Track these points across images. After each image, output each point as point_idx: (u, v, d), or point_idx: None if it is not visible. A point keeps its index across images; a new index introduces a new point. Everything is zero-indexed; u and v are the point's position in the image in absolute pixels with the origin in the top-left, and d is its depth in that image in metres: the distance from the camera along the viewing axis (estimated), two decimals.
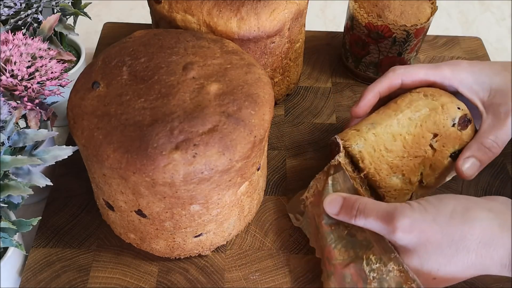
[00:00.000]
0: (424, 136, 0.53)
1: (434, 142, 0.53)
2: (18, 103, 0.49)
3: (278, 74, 0.65)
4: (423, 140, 0.53)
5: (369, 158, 0.52)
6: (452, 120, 0.53)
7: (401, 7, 0.65)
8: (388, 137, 0.52)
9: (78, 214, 0.57)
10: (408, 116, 0.53)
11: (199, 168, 0.43)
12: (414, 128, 0.53)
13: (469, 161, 0.52)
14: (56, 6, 0.57)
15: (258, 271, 0.53)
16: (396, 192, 0.53)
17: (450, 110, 0.53)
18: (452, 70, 0.55)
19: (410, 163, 0.53)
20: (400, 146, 0.52)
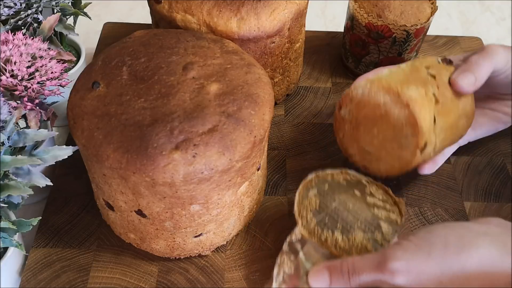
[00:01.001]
0: (419, 68, 0.53)
1: (429, 71, 0.53)
2: (18, 103, 0.49)
3: (278, 74, 0.65)
4: (420, 70, 0.53)
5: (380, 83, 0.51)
6: (436, 60, 0.54)
7: (401, 7, 0.65)
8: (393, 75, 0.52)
9: (78, 214, 0.57)
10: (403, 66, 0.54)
11: (199, 168, 0.43)
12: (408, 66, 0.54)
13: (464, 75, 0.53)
14: (56, 6, 0.57)
15: (258, 271, 0.53)
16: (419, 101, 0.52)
17: (431, 57, 0.55)
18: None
19: (418, 81, 0.52)
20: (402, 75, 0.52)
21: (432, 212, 0.59)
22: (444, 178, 0.62)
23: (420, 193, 0.60)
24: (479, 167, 0.63)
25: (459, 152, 0.64)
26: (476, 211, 0.59)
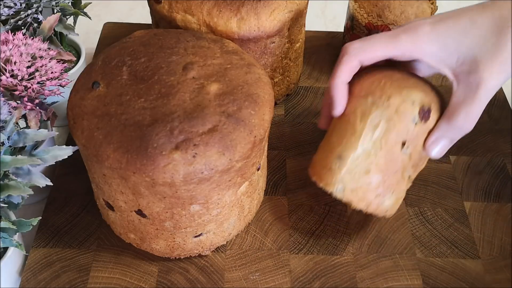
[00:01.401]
0: (393, 151, 0.48)
1: (405, 150, 0.48)
2: (18, 103, 0.49)
3: (278, 74, 0.65)
4: (394, 155, 0.48)
5: (355, 196, 0.49)
6: (412, 121, 0.47)
7: (401, 7, 0.65)
8: (361, 170, 0.49)
9: (78, 214, 0.57)
10: (370, 139, 0.48)
11: (199, 168, 0.43)
12: (381, 149, 0.48)
13: (440, 143, 0.48)
14: (56, 6, 0.57)
15: (258, 271, 0.53)
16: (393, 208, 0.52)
17: (406, 113, 0.47)
18: (412, 40, 0.47)
19: (393, 180, 0.49)
20: (376, 173, 0.49)
21: (432, 212, 0.59)
22: (444, 178, 0.62)
23: (420, 193, 0.60)
24: (479, 167, 0.63)
25: (459, 152, 0.64)
26: (476, 211, 0.59)
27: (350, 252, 0.55)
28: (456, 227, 0.57)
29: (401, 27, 0.48)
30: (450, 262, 0.54)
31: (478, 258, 0.55)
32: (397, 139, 0.48)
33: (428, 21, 0.47)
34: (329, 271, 0.53)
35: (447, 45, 0.46)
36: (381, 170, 0.48)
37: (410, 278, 0.53)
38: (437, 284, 0.53)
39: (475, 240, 0.56)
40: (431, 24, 0.47)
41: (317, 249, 0.55)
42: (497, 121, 0.68)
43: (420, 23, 0.47)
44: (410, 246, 0.55)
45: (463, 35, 0.46)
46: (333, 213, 0.58)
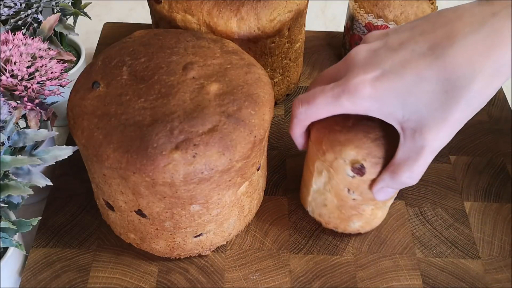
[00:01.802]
0: (341, 194, 0.50)
1: (353, 195, 0.49)
2: (18, 103, 0.49)
3: (278, 74, 0.65)
4: (344, 197, 0.50)
5: (322, 219, 0.56)
6: (348, 175, 0.48)
7: (401, 7, 0.65)
8: (320, 202, 0.54)
9: (78, 214, 0.57)
10: (319, 181, 0.52)
11: (199, 168, 0.43)
12: (330, 191, 0.51)
13: (384, 191, 0.47)
14: (56, 6, 0.57)
15: (258, 271, 0.53)
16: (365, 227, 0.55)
17: (339, 169, 0.48)
18: (352, 102, 0.43)
19: (352, 212, 0.52)
20: (332, 208, 0.53)
21: (432, 212, 0.59)
22: (444, 178, 0.62)
23: (420, 193, 0.60)
24: (479, 167, 0.63)
25: (459, 152, 0.64)
26: (476, 211, 0.59)
27: (350, 252, 0.55)
28: (456, 227, 0.57)
29: (342, 84, 0.44)
30: (450, 262, 0.54)
31: (478, 258, 0.55)
32: (341, 186, 0.49)
33: (369, 79, 0.43)
34: (329, 271, 0.53)
35: (390, 103, 0.43)
36: (336, 206, 0.52)
37: (410, 278, 0.53)
38: (437, 284, 0.53)
39: (475, 240, 0.56)
40: (372, 84, 0.42)
41: (317, 249, 0.55)
42: (497, 121, 0.68)
43: (360, 82, 0.43)
44: (410, 246, 0.56)
45: (407, 94, 0.42)
46: None
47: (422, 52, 0.42)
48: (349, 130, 0.48)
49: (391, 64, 0.43)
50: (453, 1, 0.96)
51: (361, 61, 0.44)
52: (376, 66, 0.43)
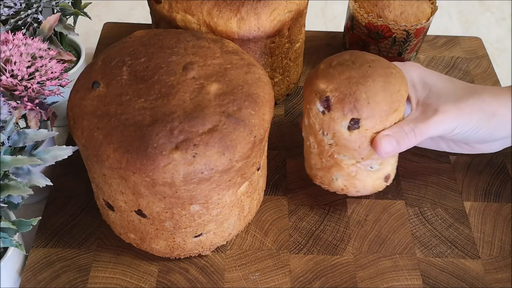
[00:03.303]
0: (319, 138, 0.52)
1: (327, 136, 0.52)
2: (18, 103, 0.49)
3: (278, 74, 0.65)
4: (322, 141, 0.52)
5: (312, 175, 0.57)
6: (319, 110, 0.51)
7: (401, 7, 0.65)
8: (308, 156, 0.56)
9: (78, 214, 0.57)
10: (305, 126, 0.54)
11: (199, 168, 0.43)
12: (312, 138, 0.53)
13: (387, 138, 0.50)
14: (56, 6, 0.57)
15: (258, 271, 0.53)
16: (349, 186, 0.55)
17: (312, 104, 0.51)
18: (402, 65, 0.55)
19: (331, 162, 0.53)
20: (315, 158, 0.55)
21: (432, 212, 0.59)
22: (444, 178, 0.62)
23: (420, 193, 0.60)
24: (479, 167, 0.63)
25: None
26: (476, 211, 0.59)
27: (350, 252, 0.55)
28: (456, 227, 0.57)
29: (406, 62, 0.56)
30: (450, 262, 0.54)
31: (478, 258, 0.55)
32: (317, 126, 0.52)
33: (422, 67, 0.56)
34: (329, 271, 0.53)
35: (425, 81, 0.54)
36: (317, 154, 0.54)
37: (410, 278, 0.53)
38: (437, 284, 0.53)
39: (475, 240, 0.56)
40: (423, 68, 0.56)
41: (317, 249, 0.55)
42: None
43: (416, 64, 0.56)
44: (410, 246, 0.55)
45: (441, 81, 0.54)
46: (333, 213, 0.58)
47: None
48: (333, 70, 0.51)
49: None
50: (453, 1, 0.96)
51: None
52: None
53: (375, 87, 0.49)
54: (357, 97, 0.49)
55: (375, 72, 0.50)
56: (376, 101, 0.49)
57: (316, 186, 0.57)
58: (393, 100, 0.50)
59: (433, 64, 0.76)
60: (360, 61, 0.51)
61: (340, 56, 0.53)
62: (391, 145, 0.50)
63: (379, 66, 0.51)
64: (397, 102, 0.50)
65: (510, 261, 0.55)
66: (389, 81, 0.50)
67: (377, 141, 0.50)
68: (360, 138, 0.50)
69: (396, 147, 0.50)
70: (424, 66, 0.75)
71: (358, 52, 0.53)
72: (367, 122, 0.50)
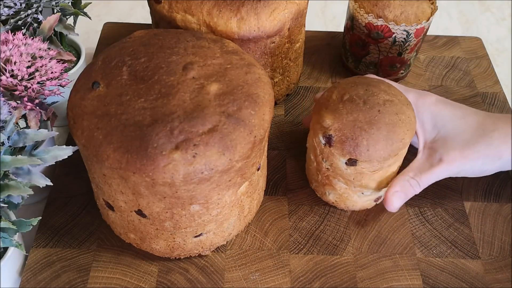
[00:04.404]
0: (318, 159, 0.55)
1: (325, 163, 0.54)
2: (18, 103, 0.49)
3: (278, 74, 0.65)
4: (320, 163, 0.55)
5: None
6: (321, 141, 0.53)
7: (401, 7, 0.65)
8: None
9: (78, 214, 0.57)
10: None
11: (199, 168, 0.43)
12: (312, 155, 0.57)
13: (396, 195, 0.53)
14: (56, 6, 0.57)
15: (258, 271, 0.53)
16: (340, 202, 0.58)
17: (316, 133, 0.54)
18: (417, 99, 0.56)
19: (326, 181, 0.56)
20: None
21: (432, 212, 0.59)
22: (444, 178, 0.62)
23: (420, 193, 0.60)
24: None
25: None
26: (476, 211, 0.59)
27: (350, 252, 0.55)
28: (456, 227, 0.57)
29: (415, 90, 0.58)
30: (450, 262, 0.54)
31: (478, 258, 0.55)
32: (318, 150, 0.54)
33: (438, 96, 0.57)
34: (329, 271, 0.53)
35: (436, 120, 0.55)
36: (315, 169, 0.56)
37: (410, 278, 0.53)
38: (437, 284, 0.53)
39: (475, 240, 0.56)
40: (438, 99, 0.57)
41: (317, 249, 0.55)
42: None
43: (430, 94, 0.57)
44: (410, 246, 0.56)
45: (453, 119, 0.55)
46: (333, 213, 0.58)
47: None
48: (343, 106, 0.52)
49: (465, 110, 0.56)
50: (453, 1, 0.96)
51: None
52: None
53: (377, 136, 0.50)
54: (358, 143, 0.50)
55: (382, 119, 0.51)
56: (376, 149, 0.50)
57: None
58: (393, 148, 0.51)
59: (433, 64, 0.76)
60: (372, 102, 0.51)
61: (354, 87, 0.53)
62: (401, 200, 0.54)
63: (389, 112, 0.51)
64: (397, 149, 0.51)
65: (510, 261, 0.55)
66: (394, 130, 0.50)
67: (387, 199, 0.54)
68: (356, 173, 0.52)
69: (404, 200, 0.54)
70: (424, 66, 0.75)
71: (374, 85, 0.53)
72: (364, 164, 0.51)
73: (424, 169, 0.54)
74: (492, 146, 0.52)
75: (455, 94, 0.72)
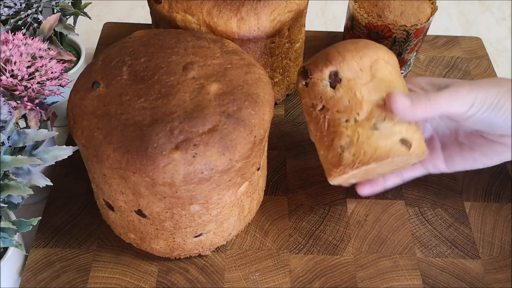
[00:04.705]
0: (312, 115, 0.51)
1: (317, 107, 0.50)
2: (18, 103, 0.49)
3: (278, 74, 0.65)
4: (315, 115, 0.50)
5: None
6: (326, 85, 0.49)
7: (401, 7, 0.65)
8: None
9: (78, 214, 0.57)
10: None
11: (199, 168, 0.43)
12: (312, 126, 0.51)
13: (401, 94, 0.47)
14: (56, 6, 0.57)
15: (258, 271, 0.53)
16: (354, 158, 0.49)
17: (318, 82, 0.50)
18: (410, 79, 0.55)
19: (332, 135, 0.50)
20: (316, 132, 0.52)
21: (432, 212, 0.59)
22: (444, 178, 0.62)
23: (420, 193, 0.60)
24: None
25: None
26: (476, 211, 0.59)
27: (350, 252, 0.55)
28: (456, 227, 0.57)
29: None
30: (450, 262, 0.54)
31: (478, 258, 0.55)
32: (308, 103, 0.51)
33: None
34: (329, 271, 0.53)
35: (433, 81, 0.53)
36: (319, 139, 0.50)
37: (410, 278, 0.53)
38: (437, 284, 0.53)
39: (475, 240, 0.56)
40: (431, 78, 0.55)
41: (317, 249, 0.55)
42: None
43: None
44: (410, 246, 0.56)
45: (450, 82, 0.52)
46: (333, 213, 0.58)
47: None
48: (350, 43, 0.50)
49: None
50: (453, 1, 0.95)
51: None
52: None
53: (345, 43, 0.50)
54: (327, 52, 0.49)
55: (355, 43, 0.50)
56: (347, 49, 0.49)
57: (316, 186, 0.57)
58: (366, 45, 0.49)
59: (433, 64, 0.76)
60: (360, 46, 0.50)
61: (357, 41, 0.51)
62: (404, 101, 0.47)
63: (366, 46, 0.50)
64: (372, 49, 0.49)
65: (510, 261, 0.55)
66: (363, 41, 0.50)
67: (390, 94, 0.47)
68: (347, 92, 0.48)
69: (409, 107, 0.47)
70: (424, 66, 0.75)
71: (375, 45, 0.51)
72: (345, 72, 0.48)
73: (432, 93, 0.48)
74: (502, 80, 0.49)
75: None
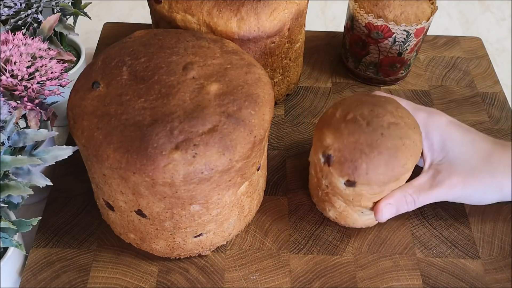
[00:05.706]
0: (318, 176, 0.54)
1: (324, 181, 0.53)
2: (18, 103, 0.49)
3: (278, 74, 0.65)
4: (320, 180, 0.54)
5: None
6: (320, 159, 0.52)
7: (401, 7, 0.65)
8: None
9: (78, 214, 0.57)
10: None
11: (199, 168, 0.43)
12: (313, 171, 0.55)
13: (388, 207, 0.52)
14: (56, 6, 0.57)
15: (258, 271, 0.53)
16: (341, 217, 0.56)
17: (317, 149, 0.52)
18: (427, 118, 0.55)
19: (325, 197, 0.55)
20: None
21: (432, 212, 0.59)
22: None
23: None
24: None
25: None
26: (476, 211, 0.59)
27: (350, 252, 0.55)
28: (456, 227, 0.57)
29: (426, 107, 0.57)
30: (450, 262, 0.54)
31: (478, 258, 0.55)
32: (318, 167, 0.53)
33: (448, 116, 0.56)
34: (329, 271, 0.53)
35: (445, 143, 0.54)
36: (316, 184, 0.55)
37: (410, 278, 0.53)
38: (437, 284, 0.53)
39: (475, 240, 0.56)
40: (449, 119, 0.55)
41: (317, 249, 0.55)
42: (497, 121, 0.68)
43: (441, 113, 0.56)
44: (410, 246, 0.55)
45: (462, 145, 0.53)
46: None
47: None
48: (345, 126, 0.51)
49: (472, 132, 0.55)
50: (453, 1, 0.95)
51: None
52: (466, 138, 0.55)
53: (378, 160, 0.48)
54: (357, 166, 0.49)
55: (384, 143, 0.49)
56: (375, 173, 0.49)
57: None
58: (395, 173, 0.49)
59: (433, 64, 0.76)
60: (376, 124, 0.49)
61: (360, 106, 0.51)
62: (391, 213, 0.52)
63: (393, 136, 0.49)
64: (399, 174, 0.50)
65: (510, 261, 0.55)
66: (396, 156, 0.49)
67: (378, 209, 0.52)
68: (355, 194, 0.51)
69: (394, 214, 0.53)
70: (424, 66, 0.75)
71: (381, 106, 0.51)
72: (363, 187, 0.50)
73: (423, 189, 0.52)
74: (494, 178, 0.52)
75: (455, 94, 0.72)
